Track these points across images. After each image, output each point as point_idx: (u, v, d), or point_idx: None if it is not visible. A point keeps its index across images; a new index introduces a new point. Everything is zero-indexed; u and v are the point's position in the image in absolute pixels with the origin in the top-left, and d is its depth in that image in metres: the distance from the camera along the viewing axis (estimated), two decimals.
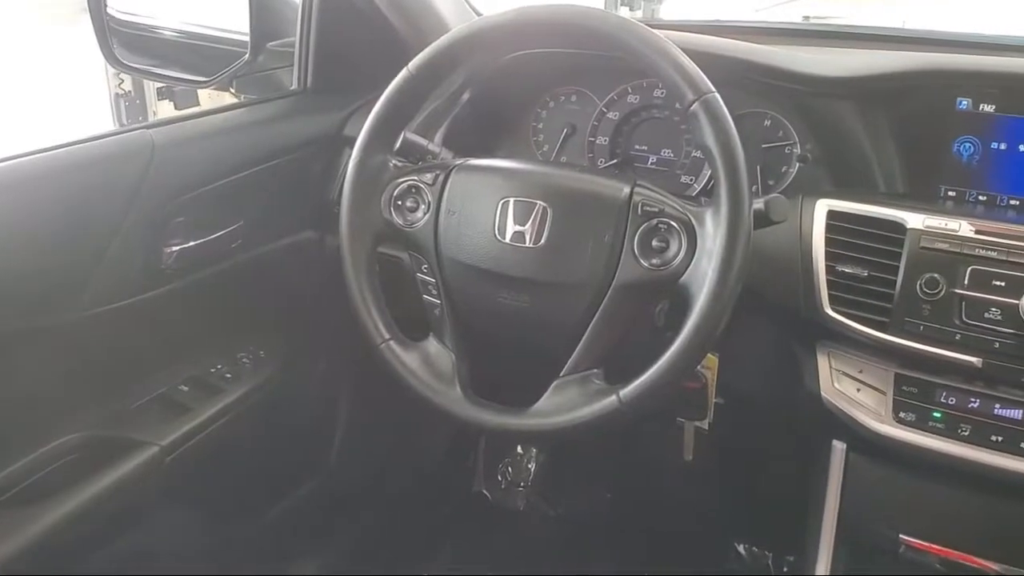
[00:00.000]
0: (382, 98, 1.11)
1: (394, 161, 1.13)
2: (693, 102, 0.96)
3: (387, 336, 1.10)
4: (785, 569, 1.75)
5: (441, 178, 1.11)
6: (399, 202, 1.12)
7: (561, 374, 1.04)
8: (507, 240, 1.05)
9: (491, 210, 1.06)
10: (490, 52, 1.16)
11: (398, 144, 1.14)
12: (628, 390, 0.97)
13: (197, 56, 1.53)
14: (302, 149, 1.41)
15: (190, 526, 1.40)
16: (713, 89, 0.97)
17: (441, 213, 1.10)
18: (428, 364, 1.10)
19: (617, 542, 1.87)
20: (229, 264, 1.33)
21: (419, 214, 1.11)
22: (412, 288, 1.17)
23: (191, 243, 1.24)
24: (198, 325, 1.33)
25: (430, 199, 1.11)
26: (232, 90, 1.65)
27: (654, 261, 1.00)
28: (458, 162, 1.13)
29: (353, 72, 1.47)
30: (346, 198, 1.11)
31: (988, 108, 1.21)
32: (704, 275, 0.95)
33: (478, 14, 1.53)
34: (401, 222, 1.12)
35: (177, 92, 2.56)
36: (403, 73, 1.10)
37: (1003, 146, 1.20)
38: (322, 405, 1.67)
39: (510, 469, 2.05)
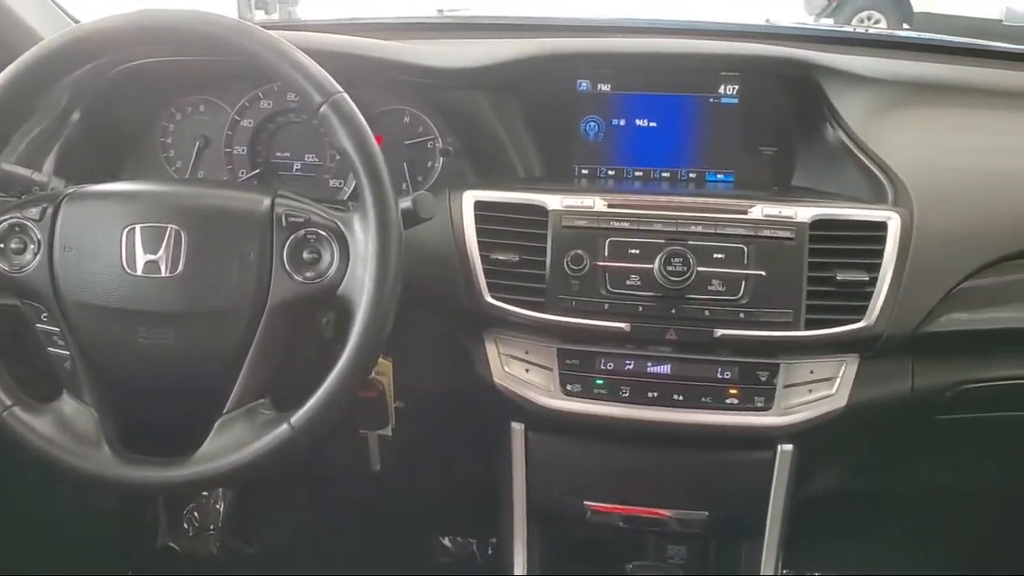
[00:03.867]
0: None
1: None
2: (321, 104, 0.92)
3: (8, 402, 0.96)
4: (489, 552, 1.78)
5: (50, 211, 0.97)
6: (0, 245, 0.97)
7: (224, 411, 0.95)
8: (139, 272, 0.94)
9: (115, 241, 0.95)
10: (94, 63, 1.02)
11: None
12: (299, 415, 0.92)
13: None
14: None
15: None
16: (340, 89, 0.93)
17: (55, 251, 0.97)
18: (64, 426, 0.97)
19: (322, 564, 1.80)
20: None
21: (28, 256, 0.98)
22: (34, 341, 1.01)
23: None
24: None
25: (39, 237, 0.97)
26: None
27: (308, 274, 0.95)
28: (69, 191, 1.00)
29: None
30: None
31: (605, 87, 1.29)
32: (361, 282, 0.92)
33: (75, 21, 1.35)
34: (6, 267, 0.97)
35: None
36: None
37: (622, 122, 1.30)
38: None
39: (196, 514, 1.89)
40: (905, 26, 6.41)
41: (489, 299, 1.09)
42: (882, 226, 1.07)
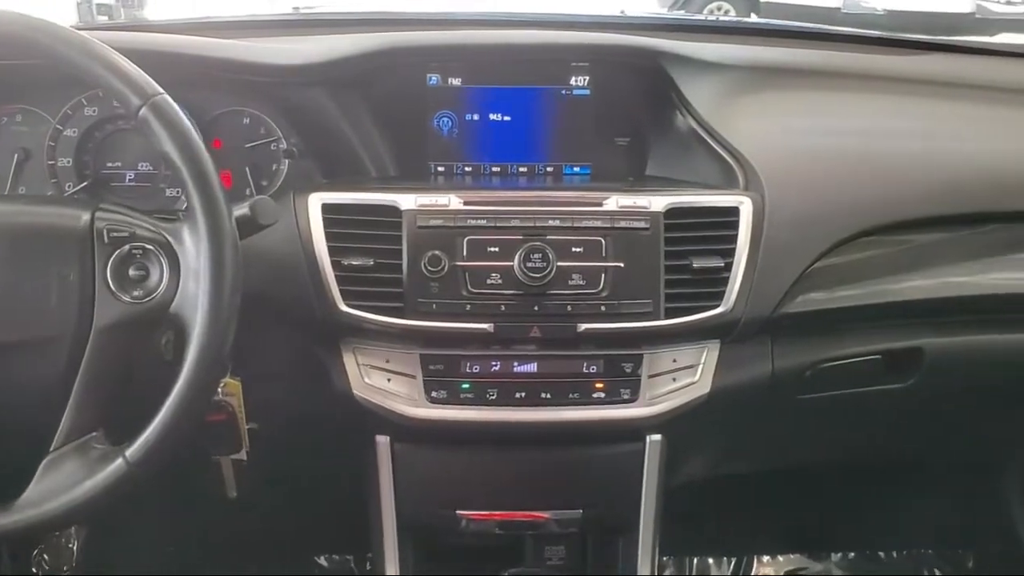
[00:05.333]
0: None
1: None
2: (140, 107, 0.85)
3: None
4: (368, 567, 1.72)
5: None
6: None
7: (52, 448, 0.87)
8: None
9: None
10: None
11: None
12: (135, 448, 0.85)
13: None
14: None
15: None
16: (160, 91, 0.87)
17: None
18: None
19: None
20: None
21: None
22: None
23: None
24: None
25: None
26: None
27: (136, 293, 0.88)
28: None
29: None
30: None
31: (456, 81, 1.25)
32: (195, 298, 0.85)
33: None
34: None
35: None
36: None
37: (476, 117, 1.26)
38: None
39: (46, 557, 1.74)
40: (753, 15, 6.67)
41: (343, 307, 1.03)
42: (734, 211, 1.07)
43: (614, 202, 1.07)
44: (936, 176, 1.19)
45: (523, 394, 1.07)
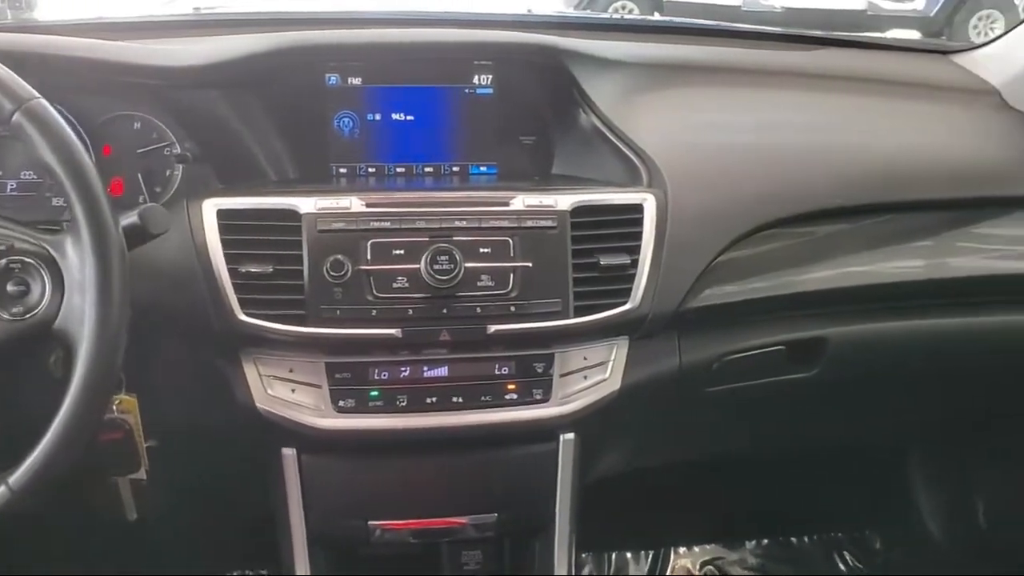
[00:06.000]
0: None
1: None
2: (13, 113, 0.81)
3: None
4: None
5: None
6: None
7: None
8: None
9: None
10: None
11: None
12: (20, 474, 0.81)
13: None
14: None
15: None
16: (35, 95, 0.82)
17: None
18: None
19: None
20: None
21: None
22: None
23: None
24: None
25: None
26: None
27: (15, 310, 0.84)
28: None
29: None
30: None
31: (356, 81, 1.22)
32: (80, 312, 0.81)
33: None
34: None
35: None
36: None
37: (378, 117, 1.24)
38: None
39: None
40: (656, 14, 6.79)
41: (242, 317, 0.99)
42: (638, 208, 1.08)
43: (520, 201, 1.06)
44: (833, 169, 1.21)
45: (434, 399, 1.05)
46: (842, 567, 1.95)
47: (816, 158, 1.22)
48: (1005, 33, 1.47)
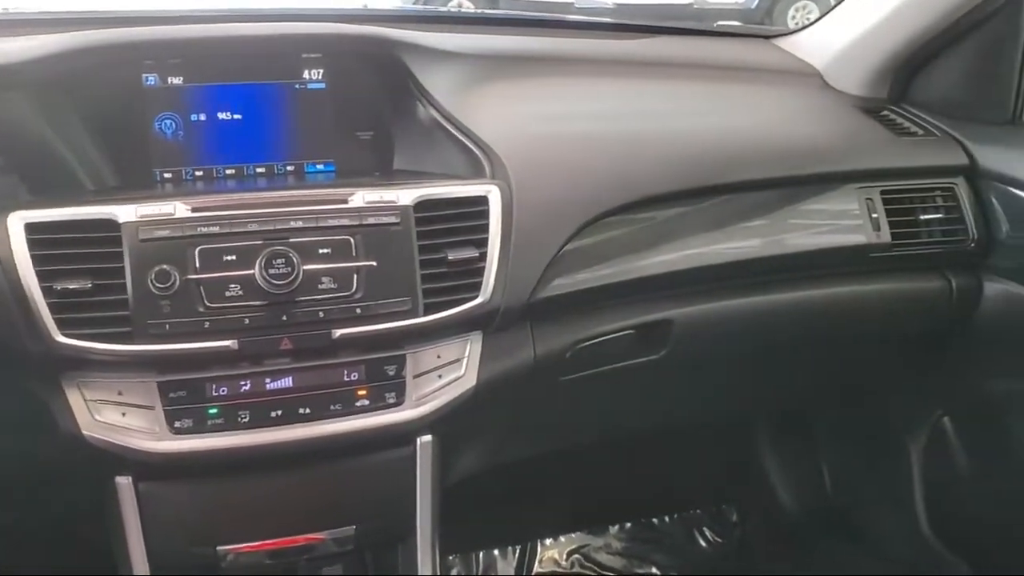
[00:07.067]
0: None
1: None
2: None
3: None
4: None
5: None
6: None
7: None
8: None
9: None
10: None
11: None
12: None
13: None
14: None
15: None
16: None
17: None
18: None
19: None
20: None
21: None
22: None
23: None
24: None
25: None
26: None
27: None
28: None
29: None
30: None
31: (177, 80, 1.15)
32: None
33: None
34: None
35: None
36: None
37: (203, 117, 1.16)
38: None
39: None
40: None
41: (60, 338, 0.91)
42: (483, 200, 1.06)
43: (360, 198, 1.02)
44: (670, 153, 1.24)
45: (279, 412, 1.00)
46: (702, 543, 2.01)
47: (653, 143, 1.24)
48: (821, 17, 1.55)
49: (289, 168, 1.19)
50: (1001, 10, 1.35)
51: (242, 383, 0.99)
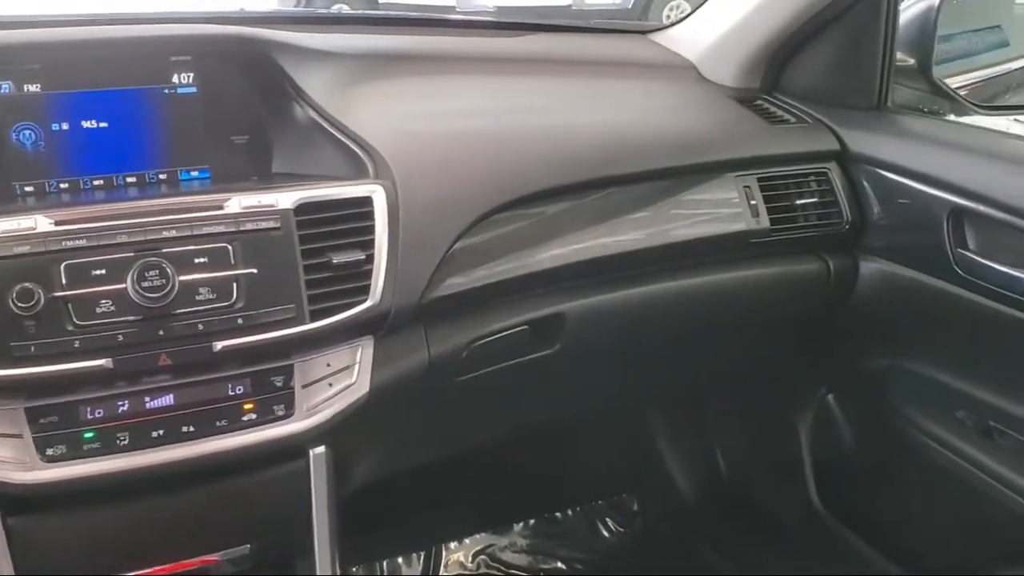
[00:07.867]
0: None
1: None
2: None
3: None
4: None
5: None
6: None
7: None
8: None
9: None
10: None
11: None
12: None
13: None
14: None
15: None
16: None
17: None
18: None
19: None
20: None
21: None
22: None
23: None
24: None
25: None
26: None
27: None
28: None
29: None
30: None
31: (34, 87, 1.08)
32: None
33: None
34: None
35: None
36: None
37: (65, 126, 1.10)
38: None
39: None
40: None
41: None
42: (367, 201, 1.04)
43: (237, 203, 0.98)
44: (555, 148, 1.24)
45: (161, 432, 0.95)
46: (605, 533, 2.04)
47: (537, 139, 1.24)
48: (692, 12, 1.58)
49: (162, 176, 1.14)
50: (861, 1, 1.40)
51: (119, 403, 0.94)
